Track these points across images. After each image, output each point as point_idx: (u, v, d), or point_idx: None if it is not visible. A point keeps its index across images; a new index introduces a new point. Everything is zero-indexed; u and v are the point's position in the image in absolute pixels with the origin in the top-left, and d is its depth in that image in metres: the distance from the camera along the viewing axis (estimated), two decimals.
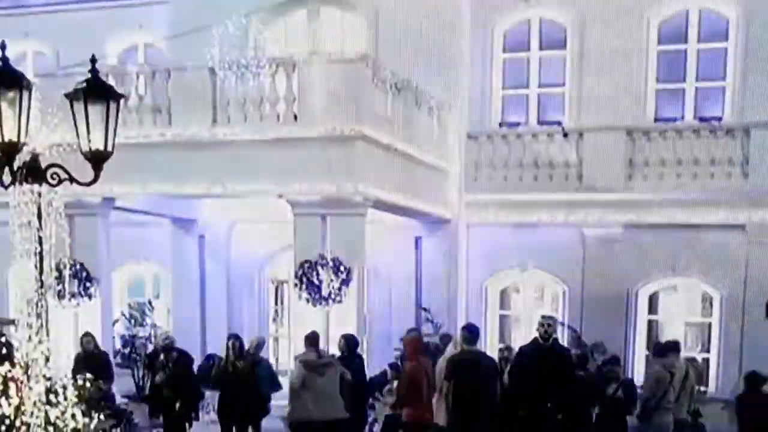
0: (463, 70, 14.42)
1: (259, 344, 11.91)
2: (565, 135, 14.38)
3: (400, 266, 14.51)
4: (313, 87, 11.33)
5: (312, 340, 10.52)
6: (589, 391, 10.62)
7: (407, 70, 12.63)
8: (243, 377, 11.38)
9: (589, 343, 13.50)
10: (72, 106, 6.70)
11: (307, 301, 11.54)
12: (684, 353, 14.56)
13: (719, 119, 14.15)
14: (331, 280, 11.41)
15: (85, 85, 6.65)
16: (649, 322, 14.82)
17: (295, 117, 11.53)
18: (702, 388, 14.37)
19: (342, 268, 11.43)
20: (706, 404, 13.49)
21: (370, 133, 11.41)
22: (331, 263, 11.45)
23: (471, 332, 10.17)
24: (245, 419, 11.71)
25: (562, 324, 14.15)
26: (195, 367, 12.09)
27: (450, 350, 10.49)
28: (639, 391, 11.43)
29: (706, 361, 14.59)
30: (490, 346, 14.91)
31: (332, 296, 11.43)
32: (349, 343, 11.08)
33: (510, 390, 10.50)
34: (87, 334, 12.24)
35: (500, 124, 15.18)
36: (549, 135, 14.51)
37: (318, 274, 11.44)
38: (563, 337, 13.80)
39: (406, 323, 13.33)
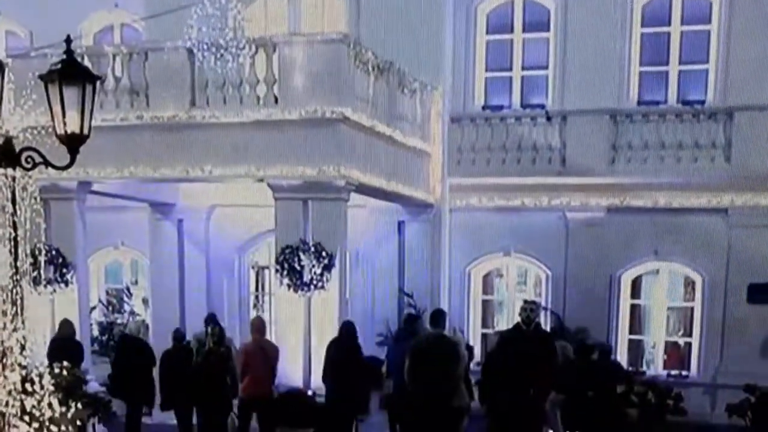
0: (445, 52, 14.26)
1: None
2: (549, 118, 14.29)
3: (383, 251, 14.39)
4: (294, 68, 11.14)
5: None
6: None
7: (389, 52, 12.44)
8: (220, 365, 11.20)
9: (571, 327, 13.52)
10: (47, 88, 6.55)
11: (289, 287, 11.37)
12: (666, 337, 14.71)
13: (702, 102, 14.10)
14: (313, 266, 11.26)
15: (60, 66, 6.51)
16: (632, 306, 14.80)
17: (276, 99, 11.33)
18: (683, 372, 14.49)
19: (324, 254, 11.27)
20: (688, 388, 13.54)
21: (352, 116, 11.25)
22: (312, 248, 11.29)
23: (433, 317, 10.45)
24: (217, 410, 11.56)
25: (545, 309, 14.13)
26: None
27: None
28: None
29: (688, 345, 14.62)
30: (473, 330, 14.91)
31: (314, 282, 11.27)
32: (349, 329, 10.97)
33: (489, 376, 10.41)
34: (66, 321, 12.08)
35: (483, 107, 15.05)
36: (532, 118, 14.42)
37: (299, 260, 11.28)
38: (546, 322, 13.77)
39: (389, 309, 13.29)
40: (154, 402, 11.99)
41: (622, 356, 14.66)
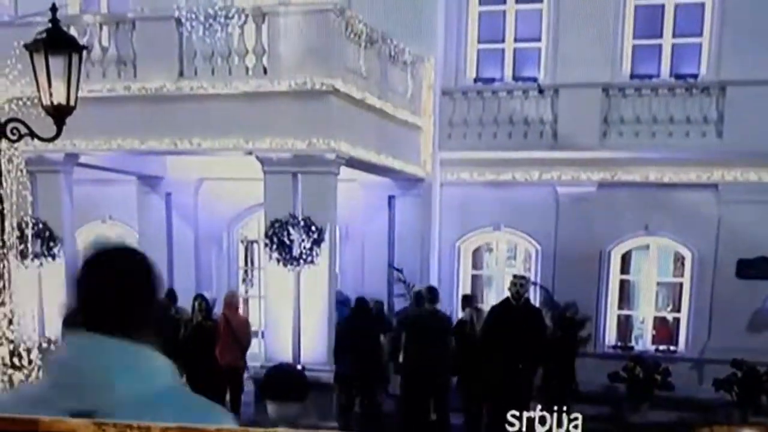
0: (437, 23, 14.10)
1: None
2: (541, 92, 14.18)
3: (373, 226, 14.31)
4: (284, 39, 10.98)
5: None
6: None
7: (380, 23, 12.29)
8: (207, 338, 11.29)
9: (561, 302, 13.52)
10: (32, 57, 6.43)
11: (278, 261, 11.29)
12: (655, 313, 14.74)
13: (695, 76, 14.02)
14: (303, 240, 11.18)
15: (45, 35, 6.38)
16: (621, 281, 14.81)
17: (265, 70, 11.16)
18: (671, 347, 14.54)
19: (313, 228, 11.18)
20: (676, 363, 13.60)
21: (342, 88, 11.10)
22: (302, 223, 11.20)
23: (429, 292, 11.22)
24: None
25: (534, 284, 14.10)
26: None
27: None
28: None
29: (677, 320, 14.66)
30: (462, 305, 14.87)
31: (303, 256, 11.20)
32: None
33: (480, 350, 10.43)
34: None
35: (475, 80, 14.93)
36: (524, 92, 14.30)
37: (289, 234, 11.20)
38: (535, 297, 13.76)
39: (378, 283, 13.25)
40: None
41: (611, 331, 14.72)
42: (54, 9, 6.56)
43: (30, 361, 11.01)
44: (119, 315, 2.27)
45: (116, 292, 2.31)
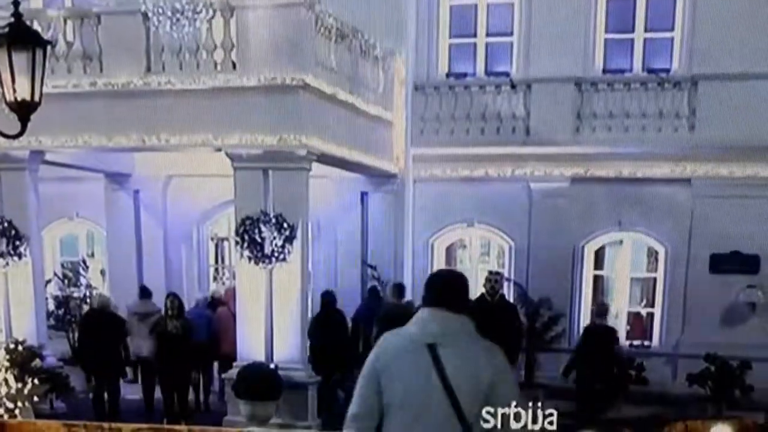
0: (408, 17, 14.00)
1: None
2: (513, 86, 14.13)
3: (346, 223, 14.20)
4: (253, 34, 10.83)
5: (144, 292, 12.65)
6: None
7: (351, 17, 12.17)
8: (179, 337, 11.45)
9: (534, 298, 13.51)
10: None
11: (249, 259, 11.15)
12: (630, 308, 14.75)
13: (667, 71, 14.02)
14: (274, 238, 11.04)
15: (7, 30, 6.24)
16: (595, 277, 14.80)
17: (234, 65, 11.03)
18: (645, 342, 14.56)
19: (285, 225, 11.05)
20: (650, 358, 13.62)
21: (313, 83, 10.98)
22: (273, 220, 11.06)
23: (397, 288, 11.91)
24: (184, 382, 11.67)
25: (508, 280, 14.07)
26: None
27: None
28: None
29: (651, 315, 14.67)
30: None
31: (275, 254, 11.06)
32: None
33: None
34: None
35: (447, 75, 14.85)
36: (497, 86, 14.24)
37: (260, 231, 11.06)
38: (509, 293, 13.72)
39: (351, 281, 13.15)
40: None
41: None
42: (16, 3, 6.41)
43: None
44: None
45: None
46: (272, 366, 10.98)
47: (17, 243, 12.11)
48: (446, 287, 4.17)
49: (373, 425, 3.99)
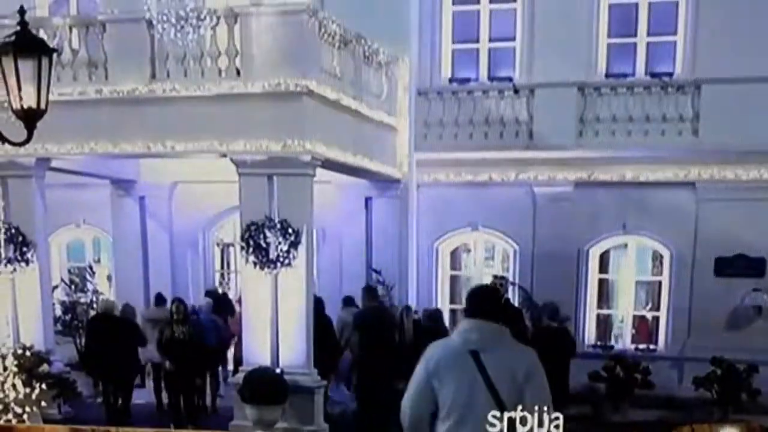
0: (411, 23, 14.04)
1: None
2: (516, 91, 14.16)
3: (350, 228, 14.21)
4: (257, 40, 10.87)
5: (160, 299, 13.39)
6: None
7: (354, 23, 12.20)
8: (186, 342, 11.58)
9: (540, 303, 13.49)
10: (0, 61, 6.31)
11: (255, 264, 11.17)
12: (634, 312, 14.74)
13: (670, 75, 14.03)
14: (279, 243, 11.06)
15: (14, 38, 6.27)
16: (600, 280, 14.80)
17: (238, 72, 11.07)
18: (651, 346, 14.55)
19: (290, 230, 11.07)
20: (655, 362, 13.62)
21: (317, 89, 11.01)
22: (278, 225, 11.09)
23: (370, 292, 12.38)
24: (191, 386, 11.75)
25: (513, 284, 14.07)
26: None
27: None
28: None
29: (656, 319, 14.67)
30: (441, 306, 14.85)
31: (280, 259, 11.08)
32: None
33: None
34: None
35: (450, 80, 14.88)
36: (500, 91, 14.26)
37: (265, 237, 11.08)
38: (514, 297, 13.73)
39: (356, 285, 13.16)
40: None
41: (590, 331, 14.71)
42: (22, 11, 6.44)
43: (5, 368, 10.86)
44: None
45: None
46: (278, 370, 11.02)
47: (24, 249, 12.16)
48: (483, 300, 4.79)
49: (426, 425, 4.67)
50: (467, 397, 4.54)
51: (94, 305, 14.14)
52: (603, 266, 14.79)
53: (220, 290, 14.88)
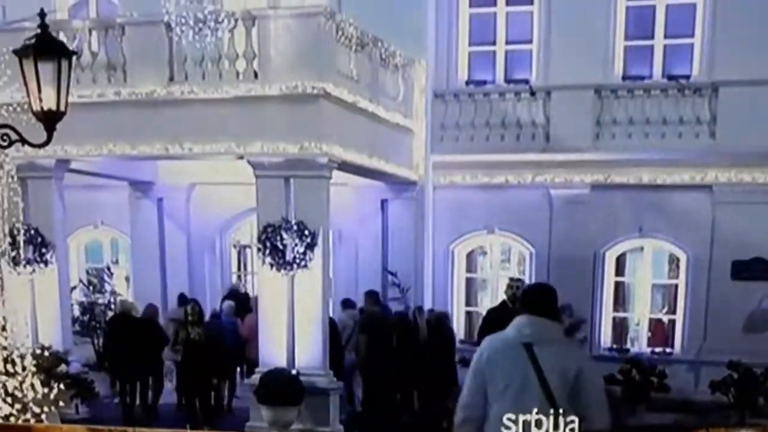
0: (428, 26, 14.05)
1: None
2: (533, 94, 14.15)
3: (366, 229, 14.26)
4: (274, 43, 10.95)
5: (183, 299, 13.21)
6: None
7: (371, 26, 12.25)
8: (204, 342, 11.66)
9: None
10: (21, 63, 6.40)
11: (271, 266, 11.23)
12: (650, 315, 14.68)
13: (687, 77, 13.97)
14: (296, 245, 11.12)
15: (34, 41, 6.35)
16: (617, 283, 14.75)
17: (256, 74, 11.15)
18: (667, 349, 14.49)
19: (306, 232, 11.14)
20: (671, 365, 13.57)
21: (333, 92, 11.08)
22: (295, 227, 11.15)
23: (372, 296, 12.69)
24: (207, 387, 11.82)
25: None
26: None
27: None
28: None
29: (672, 322, 14.61)
30: (456, 308, 14.86)
31: (297, 261, 11.14)
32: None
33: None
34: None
35: (467, 83, 14.89)
36: (516, 94, 14.25)
37: (282, 239, 11.14)
38: None
39: (372, 287, 13.20)
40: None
41: (606, 334, 14.67)
42: (43, 14, 6.52)
43: (24, 368, 10.95)
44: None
45: None
46: (294, 372, 11.07)
47: (43, 250, 12.26)
48: (538, 298, 5.12)
49: (480, 414, 4.89)
50: (518, 388, 4.76)
51: (112, 306, 14.25)
52: (619, 269, 14.74)
53: (241, 289, 14.83)
